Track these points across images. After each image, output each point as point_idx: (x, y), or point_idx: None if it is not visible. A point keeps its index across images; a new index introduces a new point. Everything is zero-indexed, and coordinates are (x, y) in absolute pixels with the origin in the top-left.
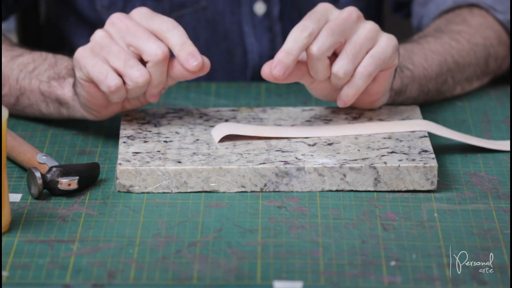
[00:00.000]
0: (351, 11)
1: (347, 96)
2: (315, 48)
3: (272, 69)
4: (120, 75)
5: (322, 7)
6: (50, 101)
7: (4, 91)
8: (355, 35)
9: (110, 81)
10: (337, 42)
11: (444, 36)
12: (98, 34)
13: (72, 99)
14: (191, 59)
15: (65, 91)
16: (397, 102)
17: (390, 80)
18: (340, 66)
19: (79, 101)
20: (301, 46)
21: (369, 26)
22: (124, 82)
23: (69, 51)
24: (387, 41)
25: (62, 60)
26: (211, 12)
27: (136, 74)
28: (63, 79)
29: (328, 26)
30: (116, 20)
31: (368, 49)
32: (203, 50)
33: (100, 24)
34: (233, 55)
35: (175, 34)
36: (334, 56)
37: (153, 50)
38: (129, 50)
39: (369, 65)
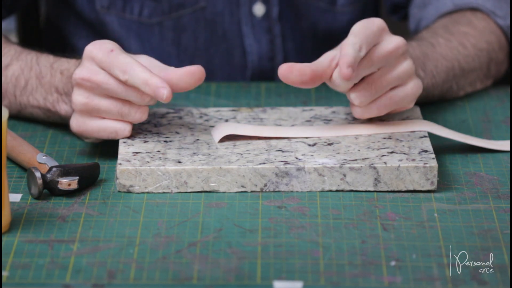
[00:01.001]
0: (400, 45)
1: (353, 112)
2: (347, 74)
3: (341, 70)
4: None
5: (378, 25)
6: (54, 118)
7: (4, 103)
8: (390, 70)
9: (124, 134)
10: (370, 71)
11: (453, 39)
12: (77, 102)
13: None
14: (159, 91)
15: (62, 114)
16: None
17: (398, 111)
18: (358, 96)
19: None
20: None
21: (406, 67)
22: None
23: (70, 52)
24: (412, 88)
25: (45, 68)
26: (210, 13)
27: (137, 117)
28: (57, 103)
29: (371, 56)
30: (80, 81)
31: (393, 87)
32: (202, 51)
33: (99, 24)
34: (232, 56)
35: (133, 77)
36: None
37: (141, 99)
38: (114, 100)
39: (384, 106)
